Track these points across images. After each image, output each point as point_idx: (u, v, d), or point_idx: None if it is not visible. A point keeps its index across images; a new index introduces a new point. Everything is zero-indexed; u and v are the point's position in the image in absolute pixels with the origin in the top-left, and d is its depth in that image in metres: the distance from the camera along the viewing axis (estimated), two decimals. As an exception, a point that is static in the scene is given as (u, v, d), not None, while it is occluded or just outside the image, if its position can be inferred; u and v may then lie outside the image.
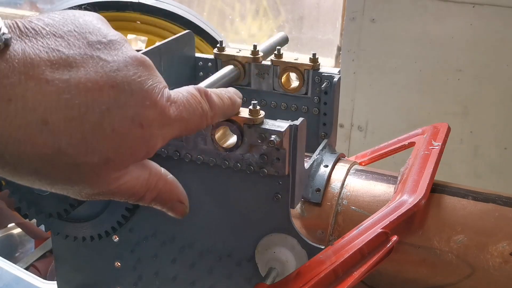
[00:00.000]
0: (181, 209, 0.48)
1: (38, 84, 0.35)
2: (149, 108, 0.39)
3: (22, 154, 0.36)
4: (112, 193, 0.41)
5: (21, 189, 0.58)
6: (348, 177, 0.61)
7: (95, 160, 0.38)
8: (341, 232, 0.57)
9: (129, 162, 0.41)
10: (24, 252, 1.58)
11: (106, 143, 0.38)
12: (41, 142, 0.36)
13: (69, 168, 0.37)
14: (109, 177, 0.40)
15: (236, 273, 0.58)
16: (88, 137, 0.37)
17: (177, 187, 0.47)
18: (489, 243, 0.53)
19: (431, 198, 0.57)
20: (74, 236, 0.62)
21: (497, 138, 1.49)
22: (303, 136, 0.52)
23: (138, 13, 1.66)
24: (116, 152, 0.39)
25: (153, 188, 0.44)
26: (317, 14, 2.12)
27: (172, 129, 0.42)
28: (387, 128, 1.59)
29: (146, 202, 0.44)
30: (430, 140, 0.63)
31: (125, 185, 0.41)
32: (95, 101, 0.37)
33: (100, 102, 0.37)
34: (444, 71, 1.47)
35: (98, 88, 0.37)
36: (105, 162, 0.38)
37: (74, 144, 0.37)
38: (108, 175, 0.40)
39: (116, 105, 0.38)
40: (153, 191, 0.44)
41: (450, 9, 1.41)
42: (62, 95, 0.36)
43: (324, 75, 0.68)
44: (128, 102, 0.38)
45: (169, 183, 0.46)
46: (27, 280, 0.97)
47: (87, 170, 0.38)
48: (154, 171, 0.44)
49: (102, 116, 0.37)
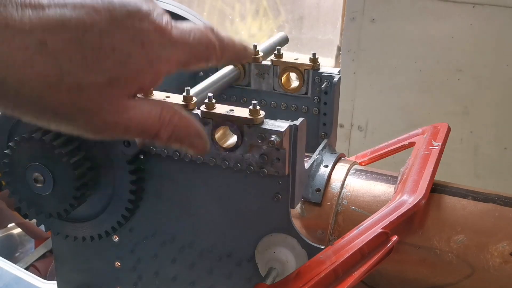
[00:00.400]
0: (201, 145, 0.46)
1: (34, 10, 0.36)
2: (149, 28, 0.40)
3: (23, 77, 0.36)
4: (124, 128, 0.40)
5: (21, 189, 0.58)
6: (348, 177, 0.61)
7: (98, 80, 0.38)
8: (341, 232, 0.57)
9: (135, 86, 0.40)
10: (24, 252, 1.58)
11: (108, 62, 0.38)
12: (41, 63, 0.36)
13: (73, 92, 0.37)
14: (117, 102, 0.39)
15: (236, 273, 0.58)
16: (89, 57, 0.37)
17: (193, 122, 0.45)
18: (489, 243, 0.53)
19: (431, 198, 0.57)
20: (74, 236, 0.62)
21: (497, 138, 1.49)
22: (303, 136, 0.52)
23: (138, 13, 1.65)
24: (119, 72, 0.38)
25: (168, 124, 0.43)
26: (317, 14, 2.12)
27: (176, 51, 0.41)
28: (387, 128, 1.59)
29: (163, 140, 0.43)
30: (430, 140, 0.63)
31: (136, 118, 0.40)
32: (93, 22, 0.37)
33: (98, 23, 0.37)
34: (444, 71, 1.47)
35: (95, 11, 0.38)
36: (109, 82, 0.38)
37: (75, 65, 0.37)
38: (115, 99, 0.39)
39: (115, 25, 0.38)
40: (168, 127, 0.43)
41: (450, 9, 1.41)
42: (60, 18, 0.36)
43: (324, 75, 0.68)
44: (126, 23, 0.39)
45: (184, 117, 0.44)
46: (27, 280, 0.97)
47: (92, 92, 0.38)
48: (166, 106, 0.43)
49: (101, 36, 0.37)
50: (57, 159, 0.54)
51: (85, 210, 0.60)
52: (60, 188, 0.55)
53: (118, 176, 0.57)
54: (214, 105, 0.52)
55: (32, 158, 0.55)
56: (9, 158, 0.56)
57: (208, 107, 0.52)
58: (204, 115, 0.52)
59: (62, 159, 0.54)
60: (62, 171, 0.55)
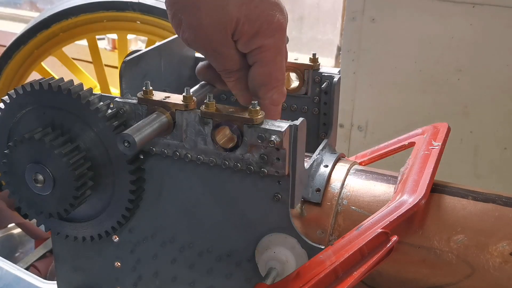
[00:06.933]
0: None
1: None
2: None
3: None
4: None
5: (21, 189, 0.58)
6: (348, 177, 0.61)
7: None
8: (341, 232, 0.57)
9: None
10: (24, 252, 1.58)
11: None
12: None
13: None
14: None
15: (236, 273, 0.58)
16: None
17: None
18: (489, 243, 0.53)
19: (431, 198, 0.57)
20: (74, 236, 0.62)
21: (497, 138, 1.49)
22: (303, 136, 0.52)
23: (138, 13, 1.66)
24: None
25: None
26: (317, 14, 2.12)
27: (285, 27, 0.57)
28: (387, 128, 1.59)
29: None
30: (430, 140, 0.63)
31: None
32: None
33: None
34: (444, 71, 1.47)
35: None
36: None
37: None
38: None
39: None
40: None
41: (450, 9, 1.41)
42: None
43: (324, 75, 0.68)
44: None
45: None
46: (27, 280, 0.97)
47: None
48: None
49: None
50: (57, 159, 0.54)
51: (85, 210, 0.60)
52: (60, 188, 0.55)
53: (118, 176, 0.57)
54: (214, 105, 0.52)
55: (32, 158, 0.55)
56: (9, 158, 0.56)
57: (208, 107, 0.52)
58: (204, 115, 0.52)
59: (62, 159, 0.54)
60: (62, 171, 0.55)
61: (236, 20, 0.53)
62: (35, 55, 1.75)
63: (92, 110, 0.54)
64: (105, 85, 1.85)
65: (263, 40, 0.55)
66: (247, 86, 0.58)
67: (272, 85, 0.57)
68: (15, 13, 2.69)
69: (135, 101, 0.55)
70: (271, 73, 0.57)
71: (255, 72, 0.57)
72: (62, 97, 0.55)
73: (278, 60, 0.57)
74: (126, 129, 0.50)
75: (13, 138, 0.57)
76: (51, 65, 1.88)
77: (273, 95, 0.58)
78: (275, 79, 0.57)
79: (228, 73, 0.58)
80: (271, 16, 0.55)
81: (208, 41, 0.55)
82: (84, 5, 1.66)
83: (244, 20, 0.53)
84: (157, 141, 0.56)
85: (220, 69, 0.58)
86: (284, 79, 0.59)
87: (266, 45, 0.55)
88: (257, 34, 0.55)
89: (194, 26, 0.54)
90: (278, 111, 0.60)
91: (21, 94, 0.57)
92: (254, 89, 0.58)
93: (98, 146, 0.56)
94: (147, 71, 0.64)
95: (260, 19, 0.54)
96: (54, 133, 0.56)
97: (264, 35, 0.55)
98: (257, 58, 0.56)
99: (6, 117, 0.58)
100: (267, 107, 0.58)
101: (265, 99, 0.58)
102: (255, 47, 0.55)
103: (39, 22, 1.70)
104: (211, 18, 0.53)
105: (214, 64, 0.58)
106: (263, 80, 0.57)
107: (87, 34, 1.74)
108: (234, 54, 0.56)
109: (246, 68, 0.58)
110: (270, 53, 0.56)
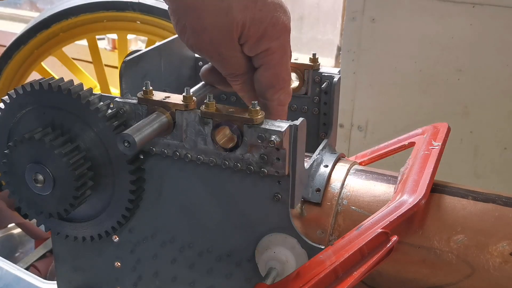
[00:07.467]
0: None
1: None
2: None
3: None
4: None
5: (21, 189, 0.58)
6: (348, 177, 0.61)
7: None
8: (341, 232, 0.57)
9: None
10: (24, 252, 1.58)
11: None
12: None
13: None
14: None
15: (236, 273, 0.58)
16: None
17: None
18: (489, 243, 0.53)
19: (431, 198, 0.57)
20: (74, 236, 0.62)
21: (497, 138, 1.49)
22: (303, 136, 0.52)
23: (138, 13, 1.66)
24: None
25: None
26: (317, 14, 2.12)
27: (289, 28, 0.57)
28: (387, 128, 1.59)
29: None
30: (430, 140, 0.63)
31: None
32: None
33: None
34: (444, 71, 1.47)
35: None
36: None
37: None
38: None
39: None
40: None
41: (450, 9, 1.41)
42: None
43: (324, 75, 0.68)
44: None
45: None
46: (27, 280, 0.97)
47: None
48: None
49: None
50: (57, 159, 0.54)
51: (85, 210, 0.60)
52: (60, 188, 0.55)
53: (118, 176, 0.57)
54: (214, 105, 0.52)
55: (32, 158, 0.55)
56: (9, 158, 0.56)
57: (208, 107, 0.52)
58: (204, 115, 0.52)
59: (62, 159, 0.54)
60: (62, 171, 0.55)
61: (242, 24, 0.53)
62: (35, 55, 1.75)
63: (92, 110, 0.54)
64: (105, 85, 1.85)
65: (269, 43, 0.55)
66: (253, 88, 0.58)
67: (279, 86, 0.57)
68: (15, 13, 2.69)
69: (135, 101, 0.55)
70: (278, 75, 0.57)
71: (262, 75, 0.57)
72: (62, 97, 0.55)
73: (284, 61, 0.57)
74: (126, 129, 0.50)
75: (13, 138, 0.57)
76: (51, 65, 1.88)
77: (281, 96, 0.58)
78: (282, 80, 0.57)
79: (234, 77, 0.58)
80: (275, 18, 0.55)
81: (213, 45, 0.55)
82: (84, 5, 1.66)
83: (249, 23, 0.53)
84: (157, 141, 0.56)
85: (226, 73, 0.58)
86: (290, 80, 0.59)
87: (272, 47, 0.55)
88: (263, 37, 0.54)
89: (198, 31, 0.54)
90: (285, 111, 0.60)
91: (21, 94, 0.57)
92: (261, 91, 0.58)
93: (98, 146, 0.56)
94: (147, 71, 0.64)
95: (265, 22, 0.54)
96: (54, 133, 0.56)
97: (270, 38, 0.55)
98: (264, 61, 0.56)
99: (6, 117, 0.58)
100: (275, 108, 0.58)
101: (273, 100, 0.58)
102: (261, 50, 0.55)
103: (39, 22, 1.70)
104: (215, 23, 0.53)
105: (220, 68, 0.58)
106: (271, 82, 0.57)
107: (87, 34, 1.74)
108: (240, 58, 0.56)
109: (252, 70, 0.58)
110: (276, 55, 0.56)
